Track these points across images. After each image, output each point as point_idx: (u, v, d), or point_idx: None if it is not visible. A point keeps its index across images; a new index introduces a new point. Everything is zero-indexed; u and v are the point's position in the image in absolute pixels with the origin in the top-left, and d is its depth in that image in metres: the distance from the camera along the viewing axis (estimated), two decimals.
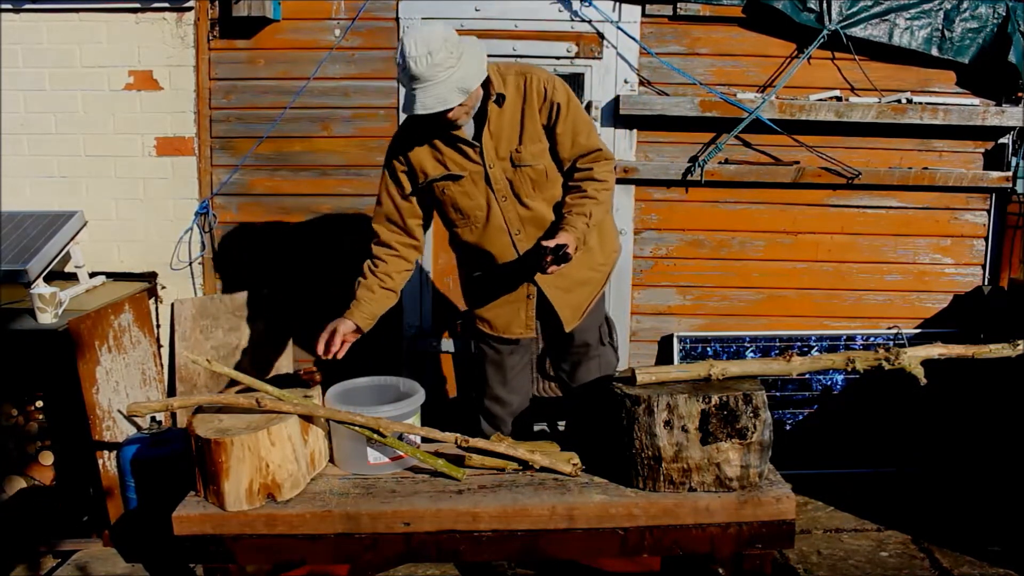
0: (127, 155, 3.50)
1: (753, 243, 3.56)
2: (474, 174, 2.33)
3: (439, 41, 2.10)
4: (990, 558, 2.77)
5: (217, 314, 3.52)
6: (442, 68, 2.10)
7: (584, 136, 2.35)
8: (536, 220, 2.38)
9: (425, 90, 2.12)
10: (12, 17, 3.41)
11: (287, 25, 3.45)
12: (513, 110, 2.31)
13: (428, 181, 2.37)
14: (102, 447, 2.91)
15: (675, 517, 2.00)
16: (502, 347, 2.55)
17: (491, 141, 2.31)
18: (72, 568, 2.81)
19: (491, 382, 2.59)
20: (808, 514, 3.14)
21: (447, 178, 2.35)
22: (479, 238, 2.41)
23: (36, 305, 2.78)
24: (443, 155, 2.34)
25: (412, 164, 2.37)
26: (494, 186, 2.34)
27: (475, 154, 2.32)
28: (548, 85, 2.30)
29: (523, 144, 2.32)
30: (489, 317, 2.51)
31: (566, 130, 2.33)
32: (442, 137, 2.32)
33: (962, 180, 3.43)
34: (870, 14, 3.30)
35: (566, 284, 2.44)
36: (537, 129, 2.32)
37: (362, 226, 3.55)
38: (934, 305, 3.57)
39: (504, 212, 2.36)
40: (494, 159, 2.32)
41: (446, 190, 2.36)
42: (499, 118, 2.30)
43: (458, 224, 2.42)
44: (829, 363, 2.17)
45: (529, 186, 2.35)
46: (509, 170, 2.33)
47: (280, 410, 2.09)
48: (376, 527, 1.99)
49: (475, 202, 2.36)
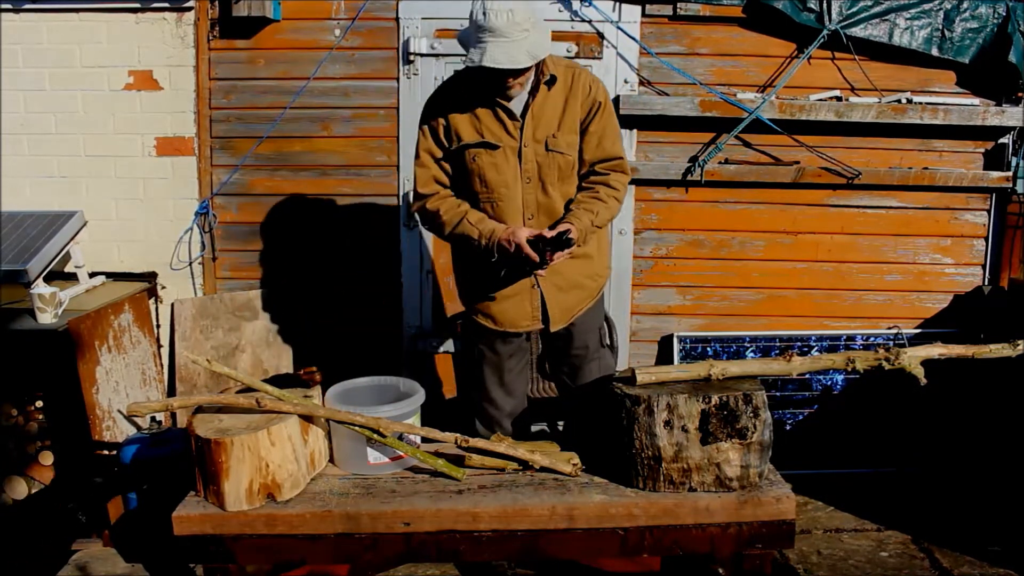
0: (127, 155, 3.50)
1: (753, 243, 3.56)
2: (508, 148, 2.33)
3: (522, 3, 2.15)
4: (990, 558, 2.77)
5: (217, 314, 3.52)
6: (519, 28, 2.14)
7: (610, 142, 2.41)
8: (550, 210, 2.39)
9: (498, 45, 2.14)
10: (12, 17, 3.41)
11: (287, 25, 3.45)
12: (558, 97, 2.35)
13: (462, 146, 2.35)
14: (102, 447, 2.91)
15: (675, 517, 2.00)
16: (502, 348, 2.53)
17: (532, 121, 2.33)
18: (72, 568, 2.81)
19: (488, 384, 2.58)
20: (808, 514, 3.14)
21: (482, 145, 2.33)
22: (500, 213, 2.37)
23: (36, 305, 2.78)
24: (480, 123, 2.33)
25: (449, 125, 2.35)
26: (523, 165, 2.34)
27: (514, 128, 2.32)
28: (593, 84, 2.38)
29: (560, 131, 2.35)
30: (494, 312, 2.47)
31: (597, 130, 2.38)
32: (484, 104, 2.32)
33: (962, 180, 3.43)
34: (870, 14, 3.30)
35: (562, 284, 2.44)
36: (575, 121, 2.36)
37: (362, 226, 3.57)
38: (934, 305, 3.57)
39: (524, 194, 2.36)
40: (530, 139, 2.33)
41: (477, 158, 2.34)
42: (544, 101, 2.33)
43: (480, 198, 2.38)
44: (829, 363, 2.17)
45: (555, 173, 2.36)
46: (541, 153, 2.34)
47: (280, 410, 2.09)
48: (376, 527, 1.99)
49: (502, 177, 2.35)
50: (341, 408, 2.17)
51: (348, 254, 3.58)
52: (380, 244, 3.55)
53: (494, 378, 2.57)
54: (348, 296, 3.60)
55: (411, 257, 3.55)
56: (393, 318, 3.60)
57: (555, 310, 2.46)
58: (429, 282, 3.58)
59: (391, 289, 3.57)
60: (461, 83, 2.37)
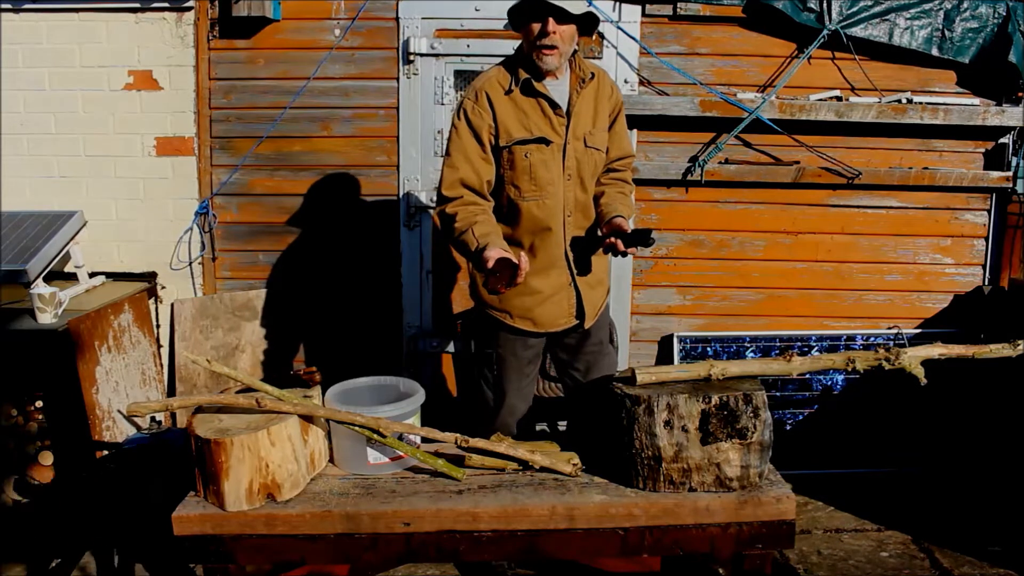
0: (127, 155, 3.50)
1: (753, 243, 3.56)
2: (556, 145, 2.31)
3: None
4: (990, 558, 2.77)
5: (217, 314, 3.52)
6: None
7: (627, 140, 2.53)
8: (585, 207, 2.40)
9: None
10: (12, 17, 3.41)
11: (287, 25, 3.45)
12: (591, 95, 2.37)
13: (513, 142, 2.27)
14: (102, 447, 2.91)
15: (675, 517, 2.00)
16: (524, 353, 2.48)
17: (574, 117, 2.32)
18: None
19: (509, 390, 2.50)
20: (808, 514, 3.14)
21: (537, 141, 2.28)
22: (546, 214, 2.33)
23: (36, 305, 2.78)
24: (528, 118, 2.28)
25: (496, 122, 2.26)
26: (566, 162, 2.33)
27: (560, 125, 2.31)
28: (614, 86, 2.45)
29: (595, 128, 2.37)
30: (535, 315, 2.41)
31: (619, 130, 2.45)
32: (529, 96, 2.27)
33: (962, 180, 3.43)
34: (870, 14, 3.30)
35: (592, 280, 2.46)
36: (605, 120, 2.41)
37: (362, 226, 3.57)
38: (934, 305, 3.57)
39: (566, 191, 2.35)
40: (572, 136, 2.33)
41: (529, 155, 2.27)
42: (582, 98, 2.34)
43: (527, 196, 2.31)
44: (829, 363, 2.17)
45: (591, 170, 2.38)
46: (580, 149, 2.34)
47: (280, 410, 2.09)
48: (376, 527, 1.99)
49: (551, 174, 2.31)
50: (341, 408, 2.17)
51: (348, 254, 3.58)
52: (380, 244, 3.55)
53: (514, 384, 2.51)
54: (348, 296, 3.60)
55: (411, 257, 3.55)
56: (393, 318, 3.60)
57: (588, 306, 2.46)
58: (429, 282, 3.58)
59: (391, 289, 3.57)
60: (504, 78, 2.29)
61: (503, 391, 2.52)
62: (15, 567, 2.83)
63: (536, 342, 2.51)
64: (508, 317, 2.45)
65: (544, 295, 2.40)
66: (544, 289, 2.39)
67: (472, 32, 3.42)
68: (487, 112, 2.26)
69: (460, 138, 2.27)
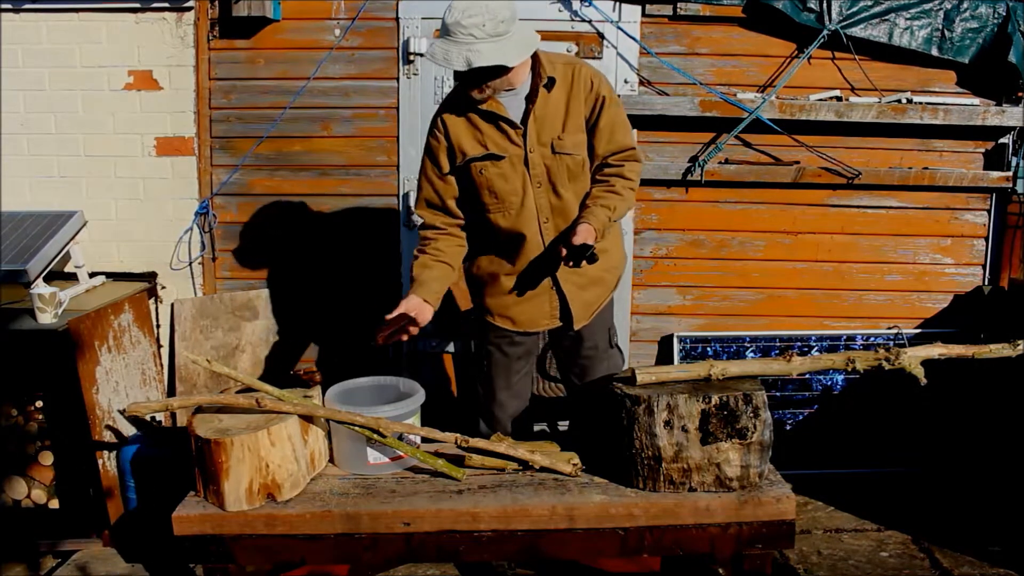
0: (127, 155, 3.50)
1: (753, 243, 3.56)
2: (514, 157, 2.31)
3: (481, 7, 2.12)
4: (990, 558, 2.77)
5: (217, 314, 3.52)
6: (465, 32, 2.11)
7: (621, 134, 2.38)
8: (564, 211, 2.37)
9: (443, 42, 2.15)
10: (12, 17, 3.41)
11: (287, 25, 3.45)
12: (559, 97, 2.32)
13: (466, 160, 2.33)
14: (102, 447, 2.91)
15: (675, 517, 2.00)
16: (511, 350, 2.52)
17: (535, 125, 2.30)
18: (72, 568, 2.81)
19: (496, 385, 2.57)
20: (808, 514, 3.14)
21: (487, 158, 2.31)
22: (512, 223, 2.36)
23: (36, 305, 2.78)
24: (483, 135, 2.32)
25: (451, 141, 2.33)
26: (531, 171, 2.33)
27: (517, 136, 2.30)
28: (595, 78, 2.34)
29: (565, 132, 2.32)
30: (513, 314, 2.46)
31: (606, 124, 2.34)
32: (484, 117, 2.30)
33: (962, 180, 3.43)
34: (870, 14, 3.30)
35: (582, 281, 2.44)
36: (580, 120, 2.34)
37: (362, 226, 3.57)
38: (934, 305, 3.57)
39: (537, 199, 2.35)
40: (535, 144, 2.31)
41: (484, 171, 2.32)
42: (545, 103, 2.31)
43: (491, 209, 2.37)
44: (829, 363, 2.17)
45: (565, 175, 2.35)
46: (548, 156, 2.32)
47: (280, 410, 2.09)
48: (376, 527, 1.99)
49: (511, 186, 2.33)
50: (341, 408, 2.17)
51: (348, 254, 3.58)
52: (380, 244, 3.55)
53: (502, 380, 2.56)
54: (348, 296, 3.59)
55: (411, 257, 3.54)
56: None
57: (577, 307, 2.45)
58: None
59: (391, 289, 3.57)
60: (459, 99, 2.34)
61: (492, 387, 2.57)
62: (15, 567, 2.83)
63: (524, 340, 2.52)
64: (489, 315, 2.51)
65: (522, 295, 2.44)
66: (521, 290, 2.43)
67: None
68: (442, 135, 2.35)
69: (423, 163, 2.42)
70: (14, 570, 2.82)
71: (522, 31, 2.20)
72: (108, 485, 2.92)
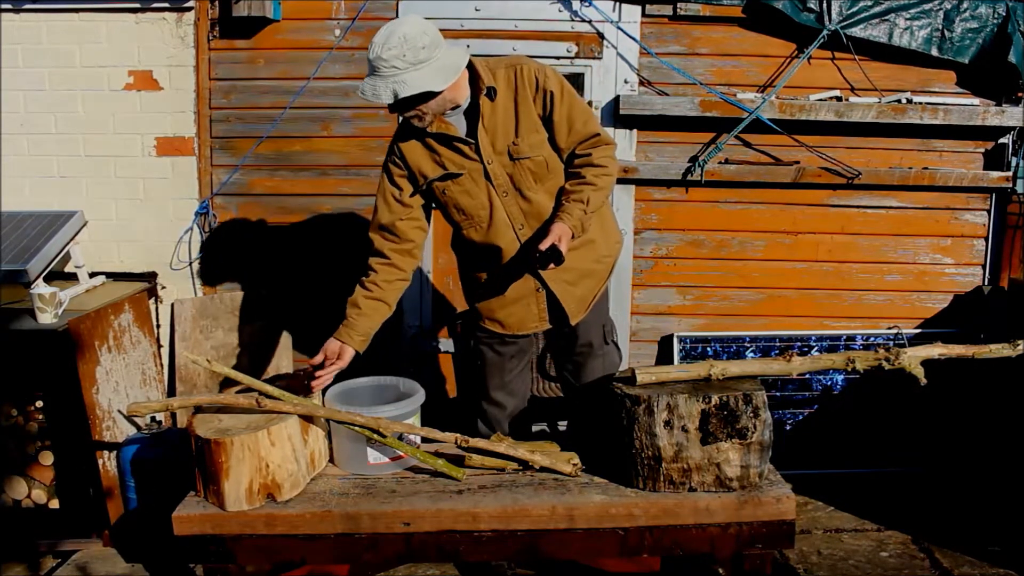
0: (127, 155, 3.50)
1: (753, 243, 3.56)
2: (473, 171, 2.31)
3: (398, 38, 2.12)
4: (990, 558, 2.77)
5: (217, 314, 3.52)
6: (387, 64, 2.14)
7: (581, 123, 2.32)
8: (538, 213, 2.36)
9: (370, 77, 2.19)
10: (12, 17, 3.41)
11: (287, 25, 3.45)
12: (506, 103, 2.29)
13: (428, 182, 2.35)
14: (102, 447, 2.91)
15: (675, 517, 2.00)
16: (503, 349, 2.53)
17: (487, 136, 2.29)
18: (72, 568, 2.81)
19: (490, 385, 2.57)
20: (808, 514, 3.14)
21: (446, 177, 2.33)
22: (485, 236, 2.38)
23: (36, 305, 2.78)
24: (440, 155, 2.32)
25: (410, 167, 2.35)
26: (494, 182, 2.32)
27: (471, 151, 2.30)
28: (539, 74, 2.28)
29: (520, 136, 2.29)
30: (500, 317, 2.47)
31: (562, 117, 2.30)
32: (437, 139, 2.31)
33: (962, 180, 3.43)
34: (870, 14, 3.30)
35: (571, 277, 2.42)
36: (533, 120, 2.30)
37: (362, 226, 3.56)
38: (934, 305, 3.57)
39: (507, 207, 2.35)
40: (491, 154, 2.30)
41: (447, 191, 2.35)
42: (492, 113, 2.28)
43: (463, 225, 2.40)
44: (829, 363, 2.17)
45: (530, 178, 2.33)
46: (508, 164, 2.31)
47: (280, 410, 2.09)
48: (376, 527, 1.99)
49: (477, 200, 2.34)
50: (341, 408, 2.17)
51: (348, 254, 3.57)
52: None
53: (496, 379, 2.57)
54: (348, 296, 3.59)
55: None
56: (393, 318, 3.58)
57: (571, 304, 2.44)
58: (429, 282, 3.58)
59: None
60: (406, 128, 2.34)
61: (485, 385, 2.58)
62: (15, 567, 2.83)
63: (518, 340, 2.52)
64: (480, 319, 2.52)
65: (507, 299, 2.44)
66: (507, 294, 2.43)
67: (472, 32, 3.42)
68: (401, 162, 2.36)
69: (381, 185, 2.42)
70: (14, 570, 2.82)
71: (447, 53, 2.19)
72: (108, 485, 2.92)
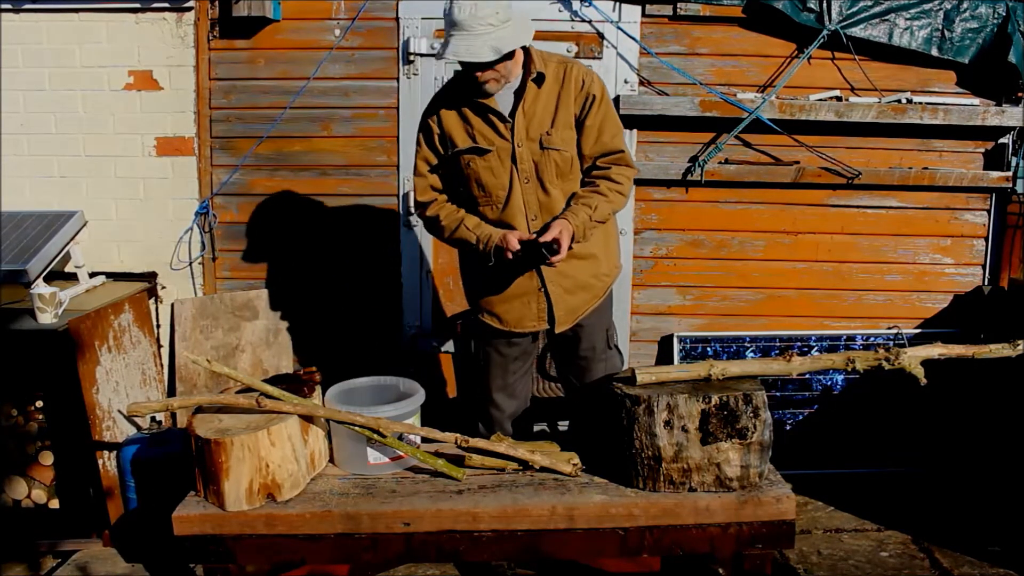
0: (127, 155, 3.50)
1: (753, 243, 3.56)
2: (501, 151, 2.33)
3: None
4: (990, 558, 2.77)
5: (217, 314, 3.52)
6: (483, 23, 2.14)
7: (609, 135, 2.38)
8: (551, 209, 2.37)
9: (461, 38, 2.16)
10: (12, 17, 3.41)
11: (287, 25, 3.45)
12: (550, 93, 2.34)
13: (455, 152, 2.36)
14: (102, 447, 2.91)
15: (675, 517, 2.00)
16: (507, 351, 2.52)
17: (524, 120, 2.32)
18: (72, 568, 2.81)
19: (492, 386, 2.57)
20: (808, 514, 3.14)
21: (473, 151, 2.34)
22: (499, 216, 2.37)
23: (36, 305, 2.78)
24: (473, 128, 2.34)
25: (444, 132, 2.37)
26: (519, 166, 2.33)
27: (506, 130, 2.32)
28: (586, 77, 2.36)
29: (555, 128, 2.33)
30: (499, 311, 2.46)
31: (594, 124, 2.36)
32: (475, 109, 2.33)
33: (962, 180, 3.43)
34: (870, 14, 3.30)
35: (569, 285, 2.43)
36: (569, 117, 2.35)
37: (362, 226, 3.57)
38: (934, 305, 3.57)
39: (525, 194, 2.36)
40: (523, 138, 2.33)
41: (471, 164, 2.35)
42: (535, 99, 2.33)
43: (479, 202, 2.39)
44: (829, 363, 2.17)
45: (553, 171, 2.35)
46: (536, 152, 2.33)
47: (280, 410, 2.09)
48: (376, 527, 1.99)
49: (498, 180, 2.35)
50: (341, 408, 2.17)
51: (348, 254, 3.58)
52: (380, 244, 3.55)
53: (499, 380, 2.57)
54: (348, 296, 3.60)
55: (411, 257, 3.56)
56: (393, 318, 3.60)
57: (561, 311, 2.44)
58: (429, 282, 3.58)
59: (391, 289, 3.57)
60: (453, 90, 2.38)
61: (488, 387, 2.58)
62: (15, 567, 2.83)
63: (521, 341, 2.52)
64: (481, 313, 2.51)
65: (508, 294, 2.44)
66: (509, 288, 2.43)
67: None
68: (435, 124, 2.38)
69: (420, 148, 2.43)
70: (14, 570, 2.82)
71: (519, 11, 2.25)
72: (108, 485, 2.92)
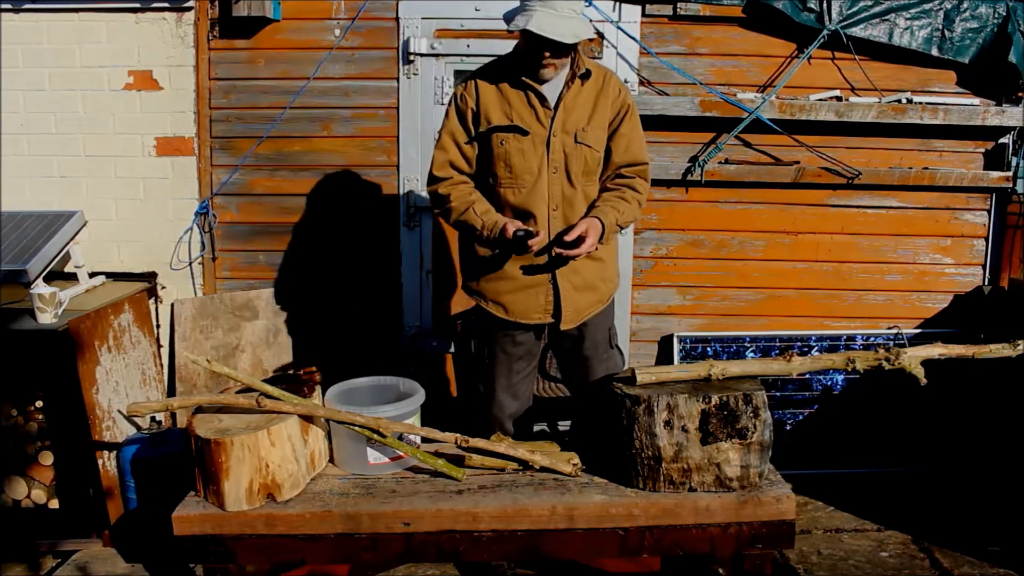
0: (127, 155, 3.50)
1: (753, 243, 3.56)
2: (536, 136, 2.35)
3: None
4: (990, 558, 2.77)
5: (217, 314, 3.52)
6: (568, 7, 2.20)
7: (637, 147, 2.45)
8: (573, 204, 2.40)
9: (547, 14, 2.19)
10: (12, 17, 3.41)
11: (287, 25, 3.45)
12: (590, 93, 2.39)
13: (490, 128, 2.36)
14: (102, 447, 2.91)
15: (675, 517, 2.00)
16: (513, 350, 2.52)
17: (563, 112, 2.35)
18: (72, 568, 2.81)
19: (496, 386, 2.57)
20: (808, 514, 3.14)
21: (511, 130, 2.34)
22: (523, 201, 2.38)
23: (36, 305, 2.78)
24: (511, 107, 2.35)
25: (479, 107, 2.37)
26: (551, 155, 2.35)
27: (545, 117, 2.35)
28: (622, 89, 2.45)
29: (590, 126, 2.37)
30: (506, 301, 2.45)
31: (627, 132, 2.42)
32: (518, 90, 2.35)
33: (962, 180, 3.43)
34: (870, 14, 3.30)
35: (579, 283, 2.44)
36: (604, 120, 2.40)
37: (362, 226, 3.57)
38: (934, 305, 3.57)
39: (550, 184, 2.37)
40: (560, 129, 2.35)
41: (505, 142, 2.35)
42: (577, 94, 2.37)
43: (503, 183, 2.39)
44: (829, 363, 2.17)
45: (581, 167, 2.38)
46: (570, 144, 2.36)
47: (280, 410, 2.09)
48: (376, 527, 1.99)
49: (528, 164, 2.36)
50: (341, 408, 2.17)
51: (348, 254, 3.58)
52: (380, 244, 3.55)
53: (503, 380, 2.56)
54: (348, 296, 3.59)
55: (411, 257, 3.56)
56: (393, 318, 3.60)
57: (569, 308, 2.45)
58: (429, 282, 3.58)
59: (391, 289, 3.57)
60: (497, 69, 2.40)
61: (492, 386, 2.58)
62: (15, 567, 2.83)
63: (526, 339, 2.52)
64: (483, 300, 2.50)
65: (518, 283, 2.43)
66: (519, 277, 2.42)
67: (472, 32, 3.42)
68: (472, 98, 2.38)
69: (449, 122, 2.41)
70: (14, 570, 2.82)
71: None
72: (108, 485, 2.92)
